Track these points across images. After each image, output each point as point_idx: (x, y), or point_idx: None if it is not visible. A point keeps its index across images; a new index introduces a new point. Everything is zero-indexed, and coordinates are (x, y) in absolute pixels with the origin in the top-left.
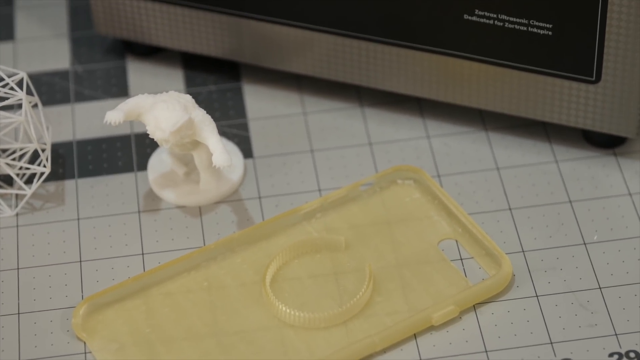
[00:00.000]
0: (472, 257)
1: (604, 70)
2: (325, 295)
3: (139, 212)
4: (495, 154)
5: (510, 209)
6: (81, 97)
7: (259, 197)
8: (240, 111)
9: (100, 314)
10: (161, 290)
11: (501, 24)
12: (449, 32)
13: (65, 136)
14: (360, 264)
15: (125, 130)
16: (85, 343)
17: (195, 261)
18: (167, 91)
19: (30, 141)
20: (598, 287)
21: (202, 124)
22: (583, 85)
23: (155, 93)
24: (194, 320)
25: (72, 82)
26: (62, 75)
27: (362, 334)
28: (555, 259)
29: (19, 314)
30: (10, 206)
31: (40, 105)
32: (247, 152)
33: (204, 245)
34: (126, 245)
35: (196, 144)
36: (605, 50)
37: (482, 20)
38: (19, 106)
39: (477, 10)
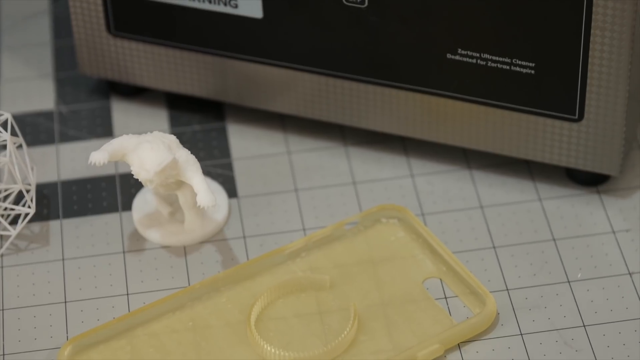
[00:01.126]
0: (456, 296)
1: (586, 109)
2: (310, 334)
3: (123, 252)
4: (479, 193)
5: (494, 247)
6: (66, 138)
7: (244, 237)
8: (225, 151)
9: (85, 355)
10: (146, 330)
11: (484, 63)
12: (432, 71)
13: (50, 176)
14: (345, 303)
15: (110, 171)
16: None
17: (180, 301)
18: (151, 131)
19: (14, 182)
20: (582, 325)
21: (187, 164)
22: (566, 124)
23: (140, 133)
24: None
25: (57, 123)
26: (47, 115)
27: None
28: (539, 297)
29: (3, 355)
30: None
31: (24, 146)
32: (231, 192)
33: (189, 285)
34: (111, 285)
35: (180, 184)
36: (588, 88)
37: (465, 59)
38: (4, 147)
39: (460, 50)
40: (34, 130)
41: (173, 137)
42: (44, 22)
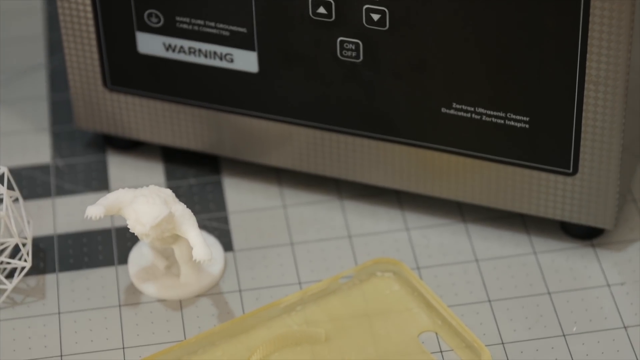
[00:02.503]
0: (452, 350)
1: (580, 163)
2: None
3: (119, 305)
4: (474, 246)
5: (489, 300)
6: (62, 191)
7: (240, 290)
8: (220, 204)
9: None
10: None
11: (478, 117)
12: (427, 125)
13: (46, 230)
14: (341, 357)
15: (106, 224)
16: None
17: (176, 355)
18: (147, 185)
19: (11, 235)
20: None
21: (182, 218)
22: (560, 178)
23: (136, 187)
24: None
25: (53, 176)
26: (43, 169)
27: None
28: (534, 350)
29: None
30: None
31: (21, 199)
32: (227, 245)
33: (185, 338)
34: (107, 339)
35: (176, 237)
36: (582, 142)
37: (459, 113)
38: (0, 201)
39: (454, 104)
40: (30, 183)
41: (169, 191)
42: (41, 76)
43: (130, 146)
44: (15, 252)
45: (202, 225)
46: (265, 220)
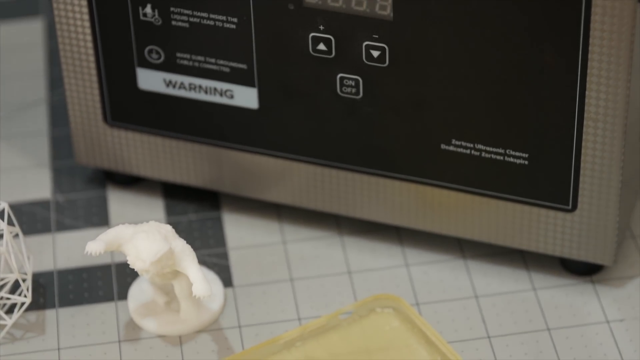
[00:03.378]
0: None
1: (580, 199)
2: None
3: (119, 341)
4: (473, 282)
5: (489, 337)
6: (62, 227)
7: (239, 326)
8: (220, 240)
9: None
10: None
11: (478, 153)
12: (426, 161)
13: (46, 266)
14: None
15: (106, 260)
16: None
17: None
18: (147, 221)
19: (11, 271)
20: None
21: (183, 254)
22: (560, 214)
23: (136, 222)
24: None
25: (53, 212)
26: (43, 204)
27: None
28: None
29: None
30: None
31: (21, 235)
32: (227, 281)
33: None
34: None
35: (176, 273)
36: (581, 179)
37: (459, 150)
38: (0, 236)
39: (454, 140)
40: (31, 219)
41: (169, 227)
42: (41, 111)
43: (131, 182)
44: (15, 287)
45: (202, 261)
46: (265, 256)
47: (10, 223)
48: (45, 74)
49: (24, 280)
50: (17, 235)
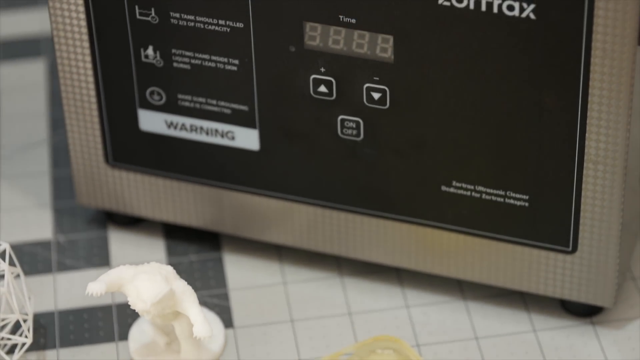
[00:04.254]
0: None
1: (580, 241)
2: None
3: None
4: (474, 324)
5: None
6: (63, 267)
7: None
8: (221, 281)
9: None
10: None
11: (478, 195)
12: (427, 203)
13: (47, 306)
14: None
15: (107, 301)
16: None
17: None
18: (148, 262)
19: (12, 312)
20: None
21: (183, 295)
22: (560, 256)
23: (137, 263)
24: None
25: (54, 252)
26: (45, 245)
27: None
28: None
29: None
30: None
31: (22, 275)
32: (227, 322)
33: None
34: None
35: (177, 314)
36: (581, 221)
37: (459, 191)
38: (1, 277)
39: (454, 182)
40: (32, 259)
41: (170, 268)
42: (43, 151)
43: (132, 222)
44: (16, 328)
45: (203, 302)
46: (265, 297)
47: (11, 263)
48: (46, 114)
49: (24, 321)
50: (18, 275)
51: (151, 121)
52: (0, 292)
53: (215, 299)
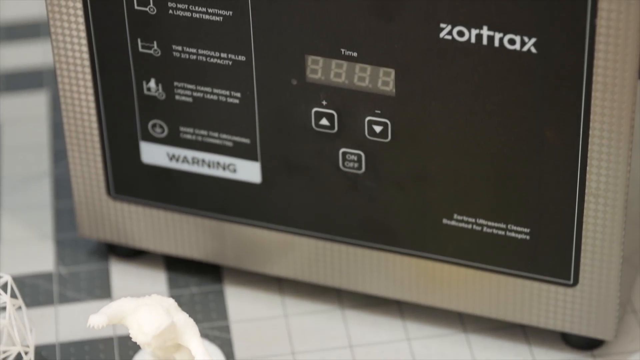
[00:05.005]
0: None
1: (581, 274)
2: None
3: None
4: (475, 356)
5: None
6: (64, 299)
7: None
8: (222, 313)
9: None
10: None
11: (479, 228)
12: (428, 236)
13: (48, 338)
14: None
15: (108, 333)
16: None
17: None
18: (149, 294)
19: (13, 344)
20: None
21: (185, 327)
22: (561, 289)
23: (139, 295)
24: None
25: (56, 284)
26: (46, 277)
27: None
28: None
29: None
30: None
31: (24, 307)
32: (229, 355)
33: None
34: None
35: (178, 346)
36: (582, 254)
37: (460, 224)
38: (3, 309)
39: (455, 215)
40: (33, 291)
41: (171, 301)
42: (45, 183)
43: (133, 254)
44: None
45: (204, 335)
46: (266, 330)
47: (13, 295)
48: (49, 146)
49: (26, 353)
50: (20, 307)
51: (153, 154)
52: (1, 324)
53: (217, 331)
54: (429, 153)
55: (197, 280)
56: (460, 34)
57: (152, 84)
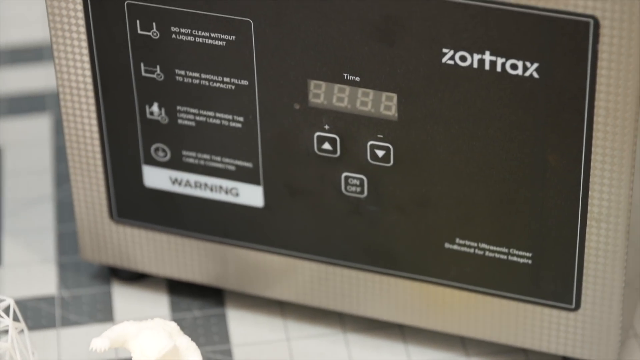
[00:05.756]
0: None
1: (583, 298)
2: None
3: None
4: None
5: None
6: (67, 322)
7: None
8: (224, 337)
9: None
10: None
11: (481, 252)
12: (430, 260)
13: None
14: None
15: (111, 356)
16: None
17: None
18: (152, 317)
19: None
20: None
21: (187, 350)
22: (563, 313)
23: (141, 318)
24: None
25: (58, 307)
26: (48, 300)
27: None
28: None
29: None
30: None
31: (26, 331)
32: None
33: None
34: None
35: None
36: (584, 278)
37: (463, 248)
38: (5, 332)
39: (457, 239)
40: (36, 314)
41: (174, 324)
42: (47, 207)
43: (136, 278)
44: None
45: (207, 358)
46: (269, 353)
47: (15, 319)
48: (51, 170)
49: None
50: (22, 331)
51: (156, 177)
52: (4, 348)
53: (219, 354)
54: (432, 177)
55: (199, 303)
56: (463, 59)
57: (155, 107)
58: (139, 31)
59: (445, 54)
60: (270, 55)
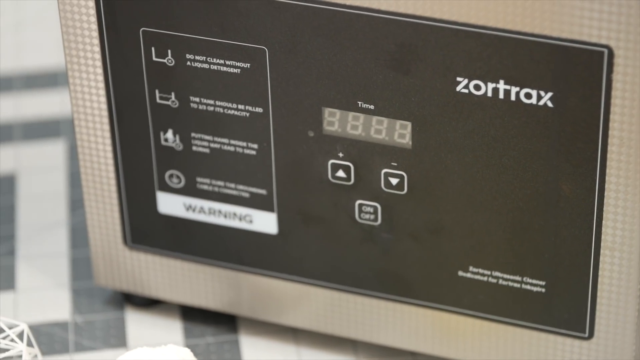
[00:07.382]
0: None
1: (596, 327)
2: None
3: None
4: None
5: None
6: (80, 348)
7: None
8: None
9: None
10: None
11: (495, 280)
12: (443, 288)
13: None
14: None
15: None
16: None
17: None
18: (165, 343)
19: None
20: None
21: None
22: (576, 342)
23: (154, 344)
24: None
25: (72, 333)
26: (62, 325)
27: None
28: None
29: None
30: None
31: (40, 356)
32: None
33: None
34: None
35: None
36: (598, 307)
37: (476, 277)
38: (19, 357)
39: (471, 267)
40: (49, 340)
41: (187, 351)
42: (61, 232)
43: (149, 304)
44: None
45: None
46: None
47: (29, 344)
48: (65, 195)
49: None
50: (36, 356)
51: (170, 204)
52: None
53: None
54: (445, 206)
55: (212, 330)
56: (477, 87)
57: (169, 134)
58: (154, 58)
59: (459, 82)
60: (284, 82)
